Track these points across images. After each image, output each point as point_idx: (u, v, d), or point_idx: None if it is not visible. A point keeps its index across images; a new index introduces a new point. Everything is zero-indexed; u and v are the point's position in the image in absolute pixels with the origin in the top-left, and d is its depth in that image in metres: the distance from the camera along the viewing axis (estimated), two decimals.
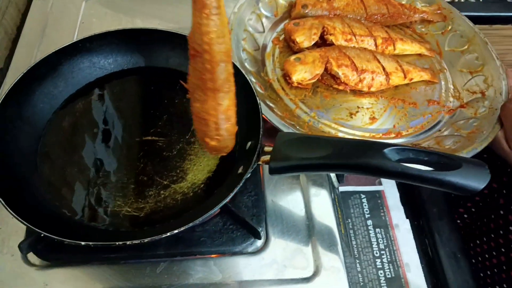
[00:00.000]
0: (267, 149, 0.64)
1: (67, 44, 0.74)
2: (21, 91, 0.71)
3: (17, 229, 0.67)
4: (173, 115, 0.76)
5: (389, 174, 0.57)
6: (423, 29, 0.99)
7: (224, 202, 0.60)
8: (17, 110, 0.70)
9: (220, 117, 0.58)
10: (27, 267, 0.64)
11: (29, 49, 0.92)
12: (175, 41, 0.79)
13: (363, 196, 0.97)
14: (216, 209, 0.59)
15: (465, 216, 1.00)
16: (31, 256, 0.65)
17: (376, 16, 0.94)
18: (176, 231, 0.57)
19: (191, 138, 0.74)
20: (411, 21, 0.98)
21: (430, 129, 0.83)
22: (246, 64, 0.84)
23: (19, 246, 0.62)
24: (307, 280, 0.66)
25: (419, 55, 0.95)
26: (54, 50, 0.73)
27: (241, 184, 0.61)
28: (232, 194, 0.60)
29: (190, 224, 0.58)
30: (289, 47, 0.90)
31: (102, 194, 0.67)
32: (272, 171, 0.62)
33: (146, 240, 0.56)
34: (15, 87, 0.69)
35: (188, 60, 0.80)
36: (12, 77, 0.88)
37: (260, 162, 0.63)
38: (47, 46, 0.92)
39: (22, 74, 0.70)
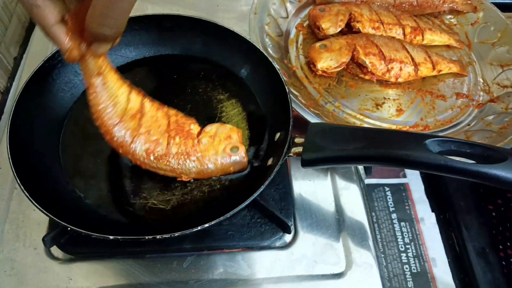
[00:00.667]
0: (298, 140, 0.62)
1: None
2: (41, 80, 0.68)
3: (39, 222, 0.65)
4: (198, 105, 0.74)
5: (430, 167, 0.54)
6: (452, 20, 0.96)
7: (255, 195, 0.57)
8: (37, 99, 0.68)
9: None
10: (50, 260, 0.63)
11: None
12: (198, 28, 0.76)
13: (387, 189, 0.94)
14: (248, 202, 0.57)
15: (495, 211, 0.97)
16: (54, 250, 0.63)
17: (404, 5, 0.91)
18: (207, 225, 0.55)
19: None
20: (440, 11, 0.95)
21: (459, 123, 0.80)
22: (269, 50, 0.82)
23: (43, 240, 0.60)
24: (338, 276, 0.64)
25: (448, 46, 0.92)
26: None
27: (272, 176, 0.59)
28: (263, 187, 0.58)
29: (222, 218, 0.55)
30: (313, 33, 0.87)
31: (126, 186, 0.65)
32: (305, 163, 0.59)
33: (176, 234, 0.54)
34: (35, 76, 0.67)
35: (212, 47, 0.78)
36: (30, 65, 0.85)
37: (291, 154, 0.61)
38: None
39: (42, 62, 0.68)
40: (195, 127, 0.64)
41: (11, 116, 0.62)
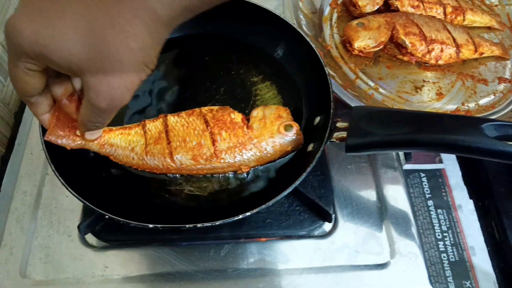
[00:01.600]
0: (340, 124, 0.59)
1: None
2: None
3: (72, 208, 0.64)
4: (231, 88, 0.71)
5: (487, 153, 0.51)
6: (493, 1, 0.90)
7: (297, 182, 0.55)
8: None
9: None
10: (85, 248, 0.61)
11: None
12: (230, 7, 0.72)
13: (422, 174, 0.91)
14: (290, 190, 0.54)
15: None
16: (89, 237, 0.62)
17: None
18: (248, 213, 0.52)
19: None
20: None
21: (503, 109, 0.75)
22: (304, 27, 0.78)
23: (78, 227, 0.58)
24: (382, 266, 0.61)
25: (488, 28, 0.86)
26: None
27: (314, 163, 0.56)
28: (305, 174, 0.55)
29: (263, 206, 0.53)
30: (348, 11, 0.83)
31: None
32: (350, 149, 0.56)
33: (217, 223, 0.52)
34: None
35: (245, 26, 0.74)
36: None
37: (333, 139, 0.58)
38: None
39: None
40: (236, 115, 0.62)
41: None
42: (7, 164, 0.75)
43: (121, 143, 0.60)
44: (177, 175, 0.62)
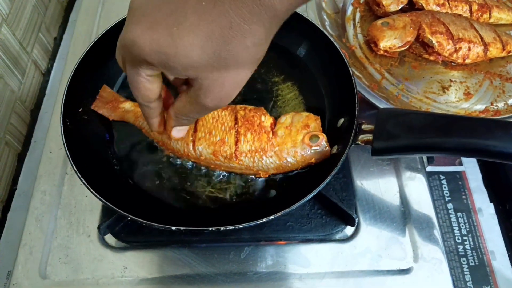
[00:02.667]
0: (365, 127, 0.57)
1: None
2: (91, 61, 0.65)
3: (92, 208, 0.63)
4: (252, 88, 0.69)
5: None
6: None
7: (322, 186, 0.54)
8: (86, 82, 0.65)
9: None
10: (104, 249, 0.61)
11: (89, 15, 0.86)
12: None
13: (442, 177, 0.89)
14: (314, 194, 0.53)
15: None
16: (108, 238, 0.61)
17: None
18: (272, 217, 0.51)
19: (272, 113, 0.67)
20: None
21: None
22: (327, 27, 0.77)
23: (98, 228, 0.58)
24: (405, 271, 0.60)
25: None
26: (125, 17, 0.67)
27: (339, 166, 0.54)
28: (330, 177, 0.54)
29: (287, 210, 0.52)
30: (371, 10, 0.81)
31: (183, 174, 0.62)
32: (376, 152, 0.55)
33: (240, 226, 0.51)
34: (85, 59, 0.64)
35: None
36: (76, 46, 0.83)
37: (359, 142, 0.56)
38: (108, 13, 0.87)
39: (92, 43, 0.65)
40: (266, 119, 0.60)
41: (64, 97, 0.60)
42: (23, 162, 0.75)
43: None
44: (200, 178, 0.61)
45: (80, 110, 0.63)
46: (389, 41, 0.73)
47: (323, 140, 0.58)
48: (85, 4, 0.89)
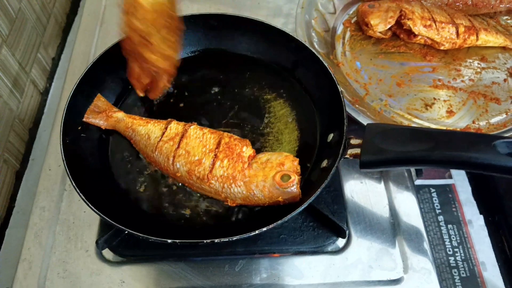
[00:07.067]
0: (354, 141, 0.60)
1: None
2: (90, 81, 0.68)
3: (90, 224, 0.65)
4: (244, 105, 0.72)
5: (499, 170, 0.52)
6: (508, 21, 0.91)
7: (313, 198, 0.56)
8: (85, 101, 0.68)
9: None
10: (101, 263, 0.62)
11: (88, 36, 0.89)
12: (243, 26, 0.75)
13: (432, 190, 0.91)
14: (305, 206, 0.55)
15: None
16: (106, 252, 0.63)
17: (458, 4, 0.88)
18: (264, 229, 0.53)
19: (265, 130, 0.70)
20: (496, 12, 0.91)
21: None
22: (315, 45, 0.80)
23: (96, 242, 0.59)
24: (395, 282, 0.62)
25: (503, 48, 0.87)
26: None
27: (329, 179, 0.57)
28: (320, 190, 0.56)
29: (279, 222, 0.54)
30: (361, 30, 0.85)
31: (179, 188, 0.64)
32: (364, 166, 0.57)
33: (234, 238, 0.52)
34: (84, 78, 0.67)
35: (258, 45, 0.76)
36: (74, 66, 0.85)
37: (347, 156, 0.59)
38: (105, 34, 0.89)
39: (91, 64, 0.68)
40: (247, 150, 0.61)
41: (64, 115, 0.62)
42: (21, 180, 0.76)
43: (142, 130, 0.65)
44: (194, 193, 0.64)
45: (79, 128, 0.65)
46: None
47: (294, 181, 0.57)
48: (84, 25, 0.91)
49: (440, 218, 0.88)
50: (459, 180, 0.92)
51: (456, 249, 0.84)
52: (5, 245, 0.69)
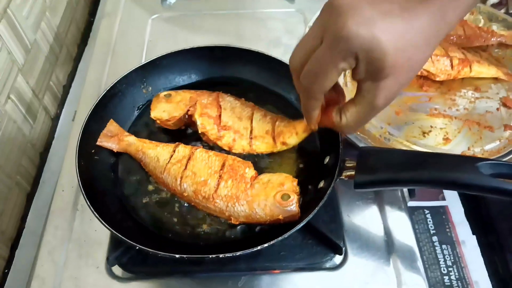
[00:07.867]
0: (348, 163, 0.64)
1: (147, 61, 0.77)
2: (103, 107, 0.73)
3: (100, 242, 0.68)
4: None
5: (482, 190, 0.55)
6: (500, 53, 0.96)
7: (310, 216, 0.60)
8: (98, 126, 0.73)
9: None
10: (111, 279, 0.65)
11: (99, 65, 0.95)
12: (246, 57, 0.80)
13: (427, 211, 0.95)
14: (303, 223, 0.59)
15: None
16: (115, 269, 0.66)
17: (452, 37, 0.92)
18: (266, 245, 0.57)
19: (265, 153, 0.74)
20: (488, 45, 0.95)
21: (507, 154, 0.79)
22: None
23: (107, 259, 0.63)
24: None
25: (495, 79, 0.91)
26: (134, 68, 0.76)
27: (325, 198, 0.61)
28: (317, 208, 0.60)
29: (280, 238, 0.58)
30: None
31: (185, 206, 0.68)
32: (358, 186, 0.61)
33: (238, 254, 0.56)
34: (98, 105, 0.72)
35: (261, 75, 0.82)
36: (87, 93, 0.90)
37: (343, 177, 0.63)
38: (116, 64, 0.95)
39: (105, 91, 0.73)
40: (250, 171, 0.66)
41: (79, 139, 0.67)
42: (31, 201, 0.80)
43: (151, 153, 0.70)
44: (198, 212, 0.68)
45: (92, 151, 0.70)
46: (158, 113, 0.75)
47: (293, 200, 0.62)
48: (96, 55, 0.97)
49: (435, 238, 0.91)
50: (452, 201, 0.96)
51: (450, 269, 0.87)
52: (15, 265, 0.73)
